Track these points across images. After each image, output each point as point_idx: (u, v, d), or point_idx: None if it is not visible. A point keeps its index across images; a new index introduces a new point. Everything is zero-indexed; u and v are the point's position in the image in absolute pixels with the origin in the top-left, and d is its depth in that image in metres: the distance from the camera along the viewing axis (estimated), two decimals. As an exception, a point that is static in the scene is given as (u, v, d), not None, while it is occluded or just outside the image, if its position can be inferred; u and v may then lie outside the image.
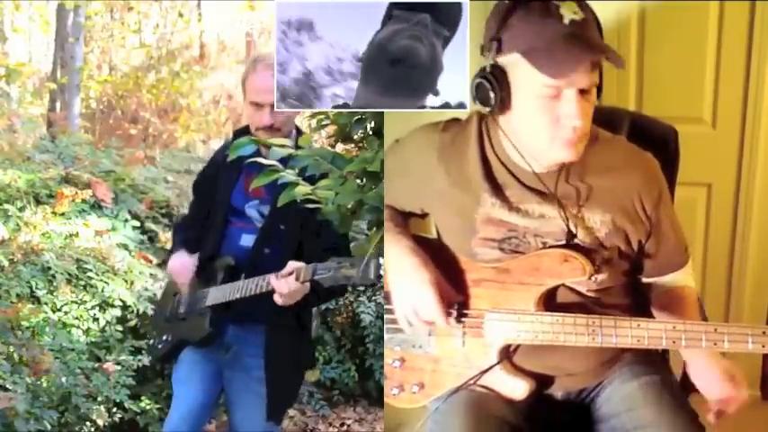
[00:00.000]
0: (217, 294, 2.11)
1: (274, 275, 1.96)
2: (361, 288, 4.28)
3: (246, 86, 2.14)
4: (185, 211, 2.58)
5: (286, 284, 1.93)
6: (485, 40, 1.44)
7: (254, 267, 2.07)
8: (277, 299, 1.96)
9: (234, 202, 2.18)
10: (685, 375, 1.58)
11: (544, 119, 1.39)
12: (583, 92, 1.38)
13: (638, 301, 1.63)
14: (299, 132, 2.19)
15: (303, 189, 1.59)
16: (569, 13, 1.36)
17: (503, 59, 1.41)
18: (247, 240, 2.16)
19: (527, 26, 1.38)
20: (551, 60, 1.34)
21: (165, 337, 2.29)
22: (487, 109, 1.43)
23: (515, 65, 1.39)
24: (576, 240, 1.49)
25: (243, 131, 2.23)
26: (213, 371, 2.22)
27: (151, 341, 2.39)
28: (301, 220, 2.00)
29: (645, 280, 1.63)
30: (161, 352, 2.31)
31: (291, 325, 2.16)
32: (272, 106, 1.94)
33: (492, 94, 1.41)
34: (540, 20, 1.37)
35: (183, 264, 2.22)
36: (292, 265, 1.95)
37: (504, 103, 1.42)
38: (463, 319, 1.55)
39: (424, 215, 1.67)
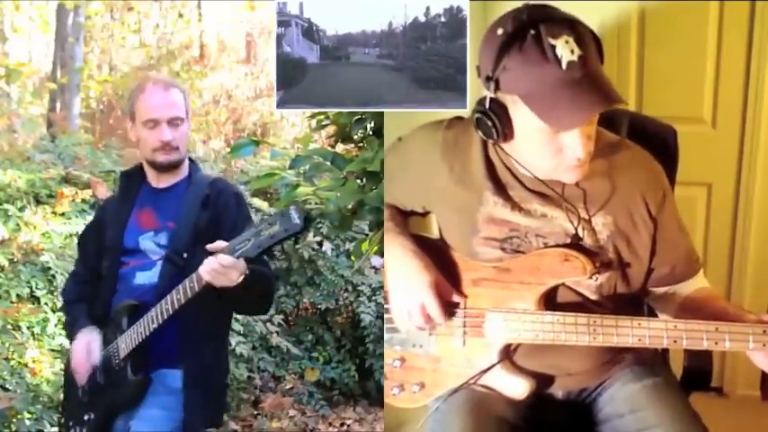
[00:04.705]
0: (129, 339, 1.89)
1: (200, 268, 1.75)
2: (361, 288, 4.28)
3: (138, 108, 1.97)
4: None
5: (216, 261, 1.72)
6: (480, 70, 1.40)
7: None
8: (216, 279, 1.74)
9: (126, 243, 1.99)
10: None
11: (547, 149, 1.39)
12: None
13: (639, 314, 1.59)
14: (192, 162, 2.08)
15: (305, 190, 1.59)
16: (567, 54, 1.31)
17: (502, 96, 1.38)
18: (143, 278, 1.95)
19: (524, 70, 1.32)
20: (555, 111, 1.32)
21: (85, 417, 1.98)
22: (491, 141, 1.44)
23: (515, 103, 1.37)
24: (581, 243, 1.49)
25: (134, 171, 2.07)
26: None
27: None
28: (205, 239, 1.84)
29: (659, 290, 1.60)
30: None
31: (208, 363, 1.96)
32: (169, 121, 1.93)
33: (494, 130, 1.40)
34: (538, 64, 1.31)
35: (90, 347, 1.96)
36: (211, 247, 1.75)
37: (506, 136, 1.41)
38: (464, 319, 1.55)
39: (425, 213, 1.67)
